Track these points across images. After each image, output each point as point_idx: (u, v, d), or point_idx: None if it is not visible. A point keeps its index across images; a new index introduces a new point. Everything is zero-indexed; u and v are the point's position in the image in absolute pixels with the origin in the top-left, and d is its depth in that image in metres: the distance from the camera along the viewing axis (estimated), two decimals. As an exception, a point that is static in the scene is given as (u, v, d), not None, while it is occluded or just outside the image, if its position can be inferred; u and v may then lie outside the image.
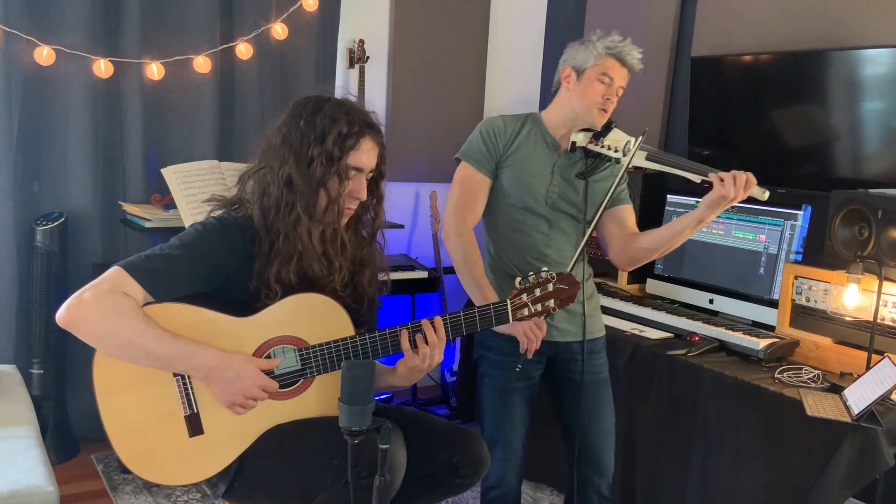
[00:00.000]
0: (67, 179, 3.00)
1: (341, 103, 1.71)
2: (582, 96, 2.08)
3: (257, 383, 1.64)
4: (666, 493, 2.52)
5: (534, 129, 2.16)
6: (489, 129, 2.15)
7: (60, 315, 1.56)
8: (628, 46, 2.07)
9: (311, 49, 3.43)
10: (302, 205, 1.66)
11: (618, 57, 2.06)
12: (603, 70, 2.07)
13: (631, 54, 2.07)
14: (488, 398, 2.19)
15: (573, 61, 2.11)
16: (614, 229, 2.19)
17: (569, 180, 2.13)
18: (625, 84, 2.11)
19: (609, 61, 2.06)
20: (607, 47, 2.06)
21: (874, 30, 2.71)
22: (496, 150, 2.13)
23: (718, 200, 1.89)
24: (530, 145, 2.14)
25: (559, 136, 2.15)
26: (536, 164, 2.13)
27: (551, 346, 2.16)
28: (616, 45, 2.06)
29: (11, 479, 1.79)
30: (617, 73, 2.07)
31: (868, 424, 1.99)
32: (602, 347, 2.22)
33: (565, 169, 2.13)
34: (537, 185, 2.12)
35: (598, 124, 2.09)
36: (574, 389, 2.17)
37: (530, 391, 2.19)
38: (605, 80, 2.07)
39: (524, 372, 2.14)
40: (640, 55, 2.09)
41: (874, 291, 2.24)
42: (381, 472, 1.44)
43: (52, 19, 2.89)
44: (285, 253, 1.67)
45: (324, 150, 1.65)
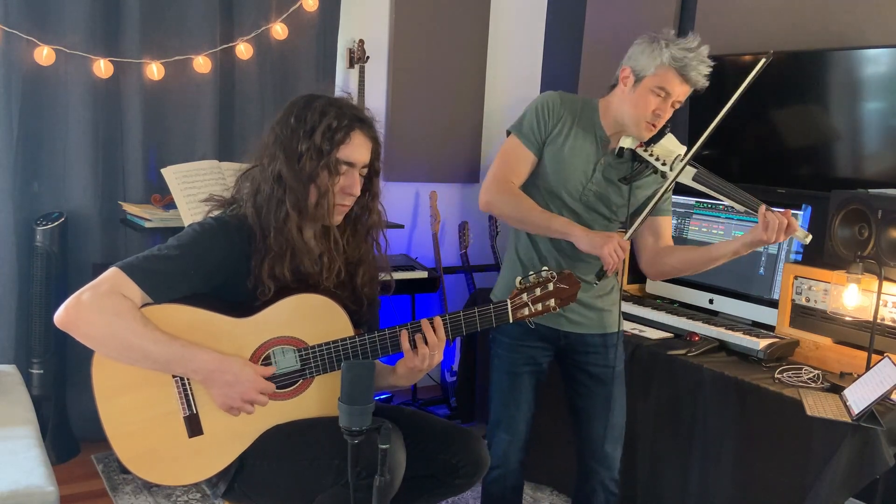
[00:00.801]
0: (67, 179, 3.00)
1: (333, 100, 1.71)
2: (633, 106, 1.98)
3: (255, 387, 1.64)
4: (666, 492, 2.52)
5: (586, 119, 2.07)
6: (545, 104, 2.08)
7: (59, 316, 1.56)
8: (697, 59, 1.91)
9: (311, 49, 3.43)
10: (291, 200, 1.66)
11: (681, 71, 1.91)
12: (661, 83, 1.93)
13: (697, 70, 1.92)
14: (496, 380, 2.21)
15: (635, 63, 1.98)
16: (649, 239, 2.16)
17: (610, 181, 2.07)
18: (682, 98, 1.98)
19: (670, 74, 1.92)
20: (673, 58, 1.91)
21: (874, 30, 2.71)
22: (546, 127, 2.06)
23: (758, 243, 1.90)
24: (579, 134, 2.06)
25: (610, 135, 2.07)
26: (579, 156, 2.06)
27: (560, 336, 2.16)
28: (683, 58, 1.90)
29: (11, 479, 1.79)
30: (677, 89, 1.94)
31: (868, 424, 1.99)
32: (619, 342, 2.19)
33: (608, 169, 2.06)
34: (575, 177, 2.06)
35: (645, 138, 2.00)
36: (587, 380, 2.17)
37: (537, 377, 2.20)
38: (662, 93, 1.94)
39: (530, 357, 2.15)
40: (708, 70, 1.94)
41: (874, 291, 2.24)
42: (381, 472, 1.44)
43: (52, 19, 2.89)
44: (277, 249, 1.67)
45: (312, 143, 1.65)
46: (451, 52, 3.89)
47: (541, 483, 3.01)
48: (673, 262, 2.11)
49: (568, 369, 2.22)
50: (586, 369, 2.17)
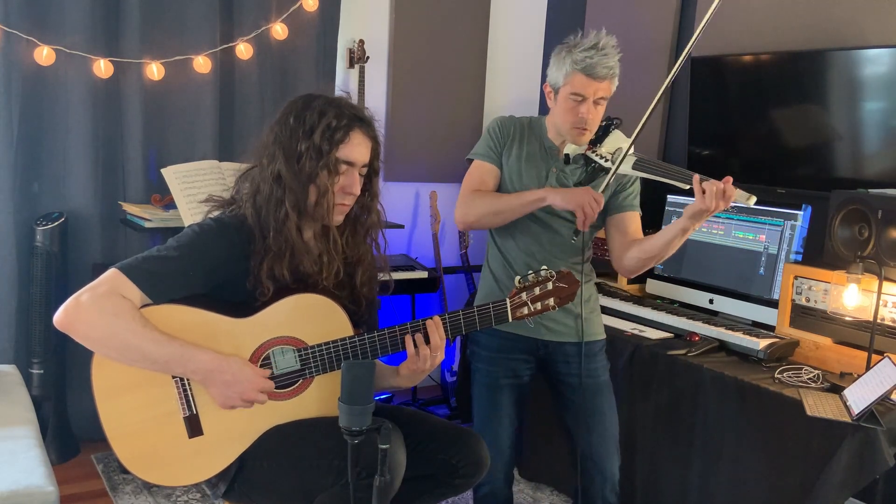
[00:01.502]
0: (67, 179, 3.00)
1: (332, 99, 1.71)
2: (560, 116, 2.06)
3: (255, 386, 1.64)
4: (666, 492, 2.52)
5: (533, 133, 2.16)
6: (493, 126, 2.18)
7: (58, 318, 1.56)
8: (598, 55, 1.95)
9: (311, 49, 3.43)
10: (291, 200, 1.66)
11: (586, 72, 1.96)
12: (573, 89, 1.99)
13: (602, 64, 1.96)
14: (477, 395, 2.21)
15: (550, 78, 2.07)
16: (616, 236, 2.16)
17: (566, 186, 2.10)
18: (606, 94, 2.02)
19: (578, 78, 1.98)
20: (574, 62, 1.97)
21: (874, 30, 2.71)
22: (499, 144, 2.15)
23: (699, 213, 1.86)
24: (527, 147, 2.14)
25: (557, 144, 2.13)
26: (532, 166, 2.12)
27: (541, 346, 2.16)
28: (584, 59, 1.95)
29: (11, 479, 1.79)
30: (589, 89, 1.98)
31: (868, 424, 1.99)
32: (600, 350, 2.20)
33: (563, 175, 2.11)
34: (532, 185, 2.11)
35: (582, 143, 2.05)
36: (570, 392, 2.16)
37: (519, 390, 2.19)
38: (578, 98, 2.00)
39: (509, 369, 2.15)
40: (614, 61, 1.98)
41: (874, 291, 2.23)
42: (381, 472, 1.44)
43: (52, 19, 2.89)
44: (276, 249, 1.67)
45: (312, 143, 1.65)
46: (451, 52, 3.89)
47: (541, 483, 3.01)
48: (636, 253, 2.09)
49: (551, 382, 2.21)
50: (568, 381, 2.16)
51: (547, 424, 2.39)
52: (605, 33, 2.00)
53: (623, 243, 2.14)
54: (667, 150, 3.48)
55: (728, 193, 1.82)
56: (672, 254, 2.05)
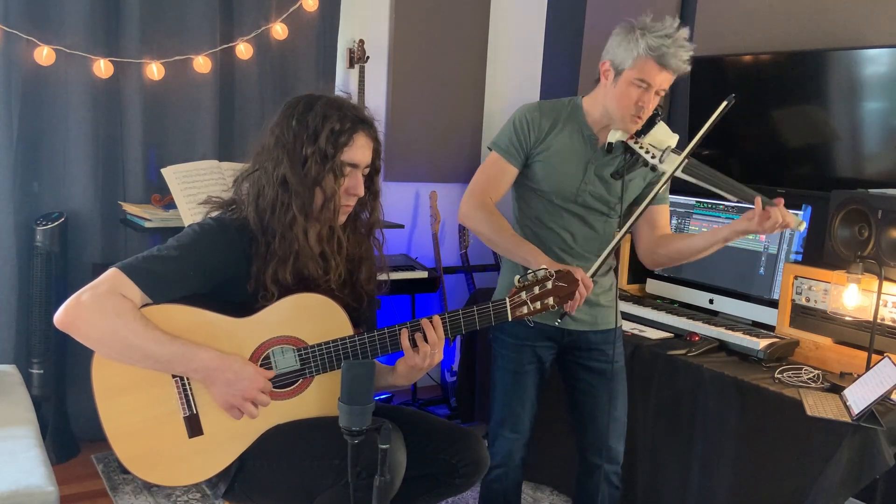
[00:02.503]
0: (67, 179, 3.00)
1: (333, 100, 1.70)
2: (616, 101, 1.96)
3: (256, 385, 1.64)
4: (666, 492, 2.52)
5: (571, 121, 2.07)
6: (523, 119, 2.06)
7: (58, 317, 1.56)
8: (674, 46, 1.87)
9: (311, 49, 3.43)
10: (297, 204, 1.66)
11: (659, 61, 1.88)
12: (640, 75, 1.90)
13: (677, 56, 1.88)
14: (500, 379, 2.20)
15: (613, 56, 1.96)
16: (645, 229, 2.16)
17: (603, 178, 2.06)
18: (667, 86, 1.94)
19: (649, 64, 1.89)
20: (649, 47, 1.87)
21: (874, 30, 2.71)
22: (527, 142, 2.06)
23: (750, 232, 1.90)
24: (565, 139, 2.06)
25: (597, 130, 2.06)
26: (570, 160, 2.05)
27: (565, 334, 2.17)
28: (660, 46, 1.86)
29: (11, 479, 1.79)
30: (657, 78, 1.90)
31: (868, 424, 1.99)
32: (619, 338, 2.20)
33: (600, 166, 2.06)
34: (568, 181, 2.06)
35: (632, 130, 1.98)
36: (588, 376, 2.17)
37: (541, 375, 2.20)
38: (643, 85, 1.91)
39: (534, 355, 2.16)
40: (689, 54, 1.90)
41: (874, 291, 2.23)
42: (381, 472, 1.44)
43: (52, 19, 2.89)
44: (281, 254, 1.67)
45: (317, 148, 1.65)
46: (451, 52, 3.89)
47: (541, 483, 3.01)
48: (668, 251, 2.11)
49: (569, 367, 2.22)
50: (588, 365, 2.18)
51: (547, 425, 2.39)
52: (678, 24, 1.93)
53: (652, 236, 2.15)
54: (667, 150, 3.49)
55: (787, 221, 1.83)
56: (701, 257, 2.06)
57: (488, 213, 2.03)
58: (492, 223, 2.02)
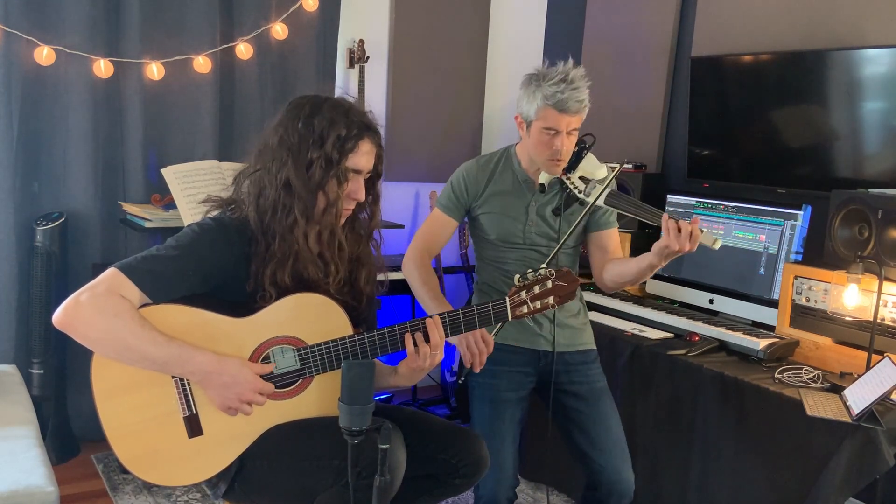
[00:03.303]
0: (67, 179, 3.00)
1: (339, 104, 1.70)
2: (534, 148, 2.08)
3: (253, 387, 1.64)
4: (666, 492, 2.52)
5: (506, 170, 2.20)
6: (460, 178, 2.22)
7: (57, 317, 1.55)
8: (569, 90, 1.97)
9: (311, 49, 3.43)
10: (300, 207, 1.66)
11: (557, 107, 1.98)
12: (545, 123, 2.01)
13: (573, 98, 1.97)
14: (478, 411, 2.17)
15: (521, 110, 2.08)
16: (596, 254, 2.23)
17: (544, 217, 2.16)
18: (577, 125, 2.04)
19: (550, 113, 2.00)
20: (545, 97, 1.98)
21: (874, 30, 2.71)
22: (465, 199, 2.21)
23: (665, 251, 1.90)
24: (505, 187, 2.18)
25: (531, 173, 2.16)
26: (511, 207, 2.16)
27: (541, 356, 2.17)
28: (554, 94, 1.97)
29: (11, 479, 1.79)
30: (561, 123, 2.00)
31: (868, 424, 1.99)
32: (595, 360, 2.23)
33: (541, 206, 2.16)
34: (513, 226, 2.17)
35: (556, 173, 2.07)
36: (573, 401, 2.16)
37: (521, 406, 2.17)
38: (551, 132, 2.02)
39: (512, 381, 2.15)
40: (584, 94, 2.00)
41: (874, 291, 2.23)
42: (381, 472, 1.44)
43: (52, 19, 2.89)
44: (281, 255, 1.66)
45: (323, 153, 1.65)
46: (451, 52, 3.89)
47: (541, 483, 3.01)
48: (611, 275, 2.16)
49: (554, 396, 2.17)
50: (570, 390, 2.16)
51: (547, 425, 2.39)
52: (573, 65, 2.04)
53: (603, 260, 2.20)
54: (667, 150, 3.48)
55: (695, 235, 1.86)
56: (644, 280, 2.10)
57: (421, 269, 2.20)
58: (420, 279, 2.18)
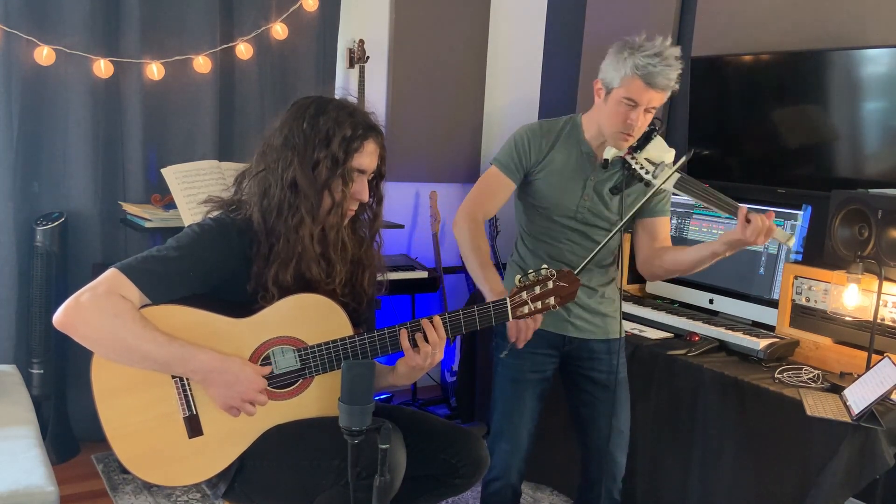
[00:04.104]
0: (67, 179, 3.00)
1: (343, 105, 1.71)
2: (607, 119, 2.00)
3: (255, 386, 1.64)
4: (666, 492, 2.52)
5: (571, 139, 2.11)
6: (524, 138, 2.12)
7: (57, 318, 1.55)
8: (662, 64, 1.89)
9: (311, 49, 3.43)
10: (306, 207, 1.66)
11: (646, 80, 1.90)
12: (627, 94, 1.93)
13: (664, 75, 1.90)
14: (500, 387, 2.19)
15: (604, 75, 1.99)
16: (644, 240, 2.17)
17: (600, 194, 2.10)
18: (658, 104, 1.96)
19: (636, 83, 1.91)
20: (636, 66, 1.89)
21: (874, 30, 2.71)
22: (527, 160, 2.11)
23: (738, 243, 1.89)
24: (564, 157, 2.10)
25: (595, 147, 2.09)
26: (569, 178, 2.09)
27: (566, 342, 2.17)
28: (646, 65, 1.88)
29: (11, 479, 1.79)
30: (644, 97, 1.92)
31: (868, 424, 1.99)
32: (620, 348, 2.21)
33: (599, 182, 2.09)
34: (568, 199, 2.10)
35: (623, 147, 2.00)
36: (592, 387, 2.17)
37: (542, 385, 2.19)
38: (631, 103, 1.94)
39: (536, 363, 2.15)
40: (676, 74, 1.92)
41: (874, 291, 2.23)
42: (381, 472, 1.44)
43: (52, 19, 2.89)
44: (285, 256, 1.67)
45: (329, 152, 1.65)
46: (451, 52, 3.89)
47: (541, 483, 3.01)
48: (663, 263, 2.11)
49: (572, 377, 2.21)
50: (590, 376, 2.17)
51: (548, 425, 2.39)
52: (671, 43, 1.95)
53: (652, 248, 2.15)
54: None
55: (770, 230, 1.83)
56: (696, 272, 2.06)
57: (473, 230, 2.09)
58: (471, 240, 2.08)
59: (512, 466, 2.17)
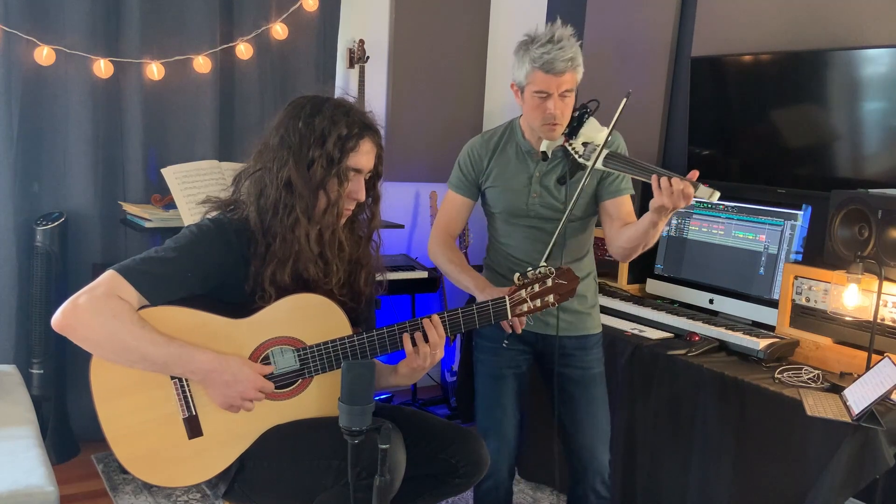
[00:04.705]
0: (67, 179, 3.00)
1: (340, 104, 1.70)
2: (529, 115, 2.04)
3: (255, 385, 1.64)
4: (666, 492, 2.52)
5: (510, 142, 2.16)
6: (465, 155, 2.21)
7: (56, 320, 1.55)
8: (555, 49, 1.90)
9: (311, 49, 3.43)
10: (301, 207, 1.66)
11: (545, 68, 1.92)
12: (536, 87, 1.96)
13: (559, 58, 1.90)
14: (481, 385, 2.23)
15: (514, 77, 2.04)
16: (608, 221, 2.15)
17: (548, 187, 2.12)
18: (570, 86, 1.97)
19: (538, 75, 1.94)
20: (532, 59, 1.93)
21: (874, 30, 2.71)
22: (473, 174, 2.20)
23: (660, 208, 1.82)
24: (506, 160, 2.15)
25: (534, 143, 2.11)
26: (514, 179, 2.14)
27: (538, 339, 2.18)
28: (541, 55, 1.91)
29: (11, 479, 1.79)
30: (551, 84, 1.94)
31: (868, 424, 1.98)
32: (596, 344, 2.22)
33: (545, 175, 2.12)
34: (517, 199, 2.14)
35: (555, 137, 2.02)
36: (566, 384, 2.19)
37: (519, 381, 2.22)
38: (543, 94, 1.96)
39: (511, 360, 2.18)
40: (572, 52, 1.92)
41: (874, 291, 2.23)
42: (381, 472, 1.44)
43: (52, 19, 2.89)
44: (281, 255, 1.67)
45: (324, 152, 1.65)
46: (451, 52, 3.89)
47: (541, 483, 3.01)
48: (621, 241, 2.07)
49: (547, 375, 2.23)
50: (564, 373, 2.18)
51: (547, 425, 2.39)
52: (561, 24, 1.96)
53: (615, 227, 2.11)
54: (666, 150, 3.48)
55: (687, 192, 1.76)
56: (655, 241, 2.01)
57: (446, 251, 2.20)
58: (447, 261, 2.18)
59: (500, 463, 2.18)
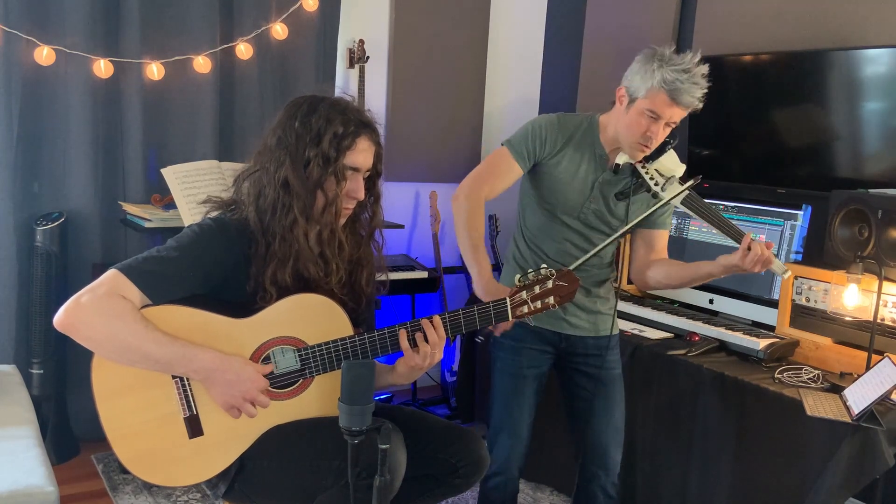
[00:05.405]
0: (67, 179, 3.00)
1: (336, 103, 1.70)
2: (626, 127, 1.98)
3: (257, 385, 1.64)
4: (666, 492, 2.52)
5: (586, 139, 2.09)
6: (541, 128, 2.08)
7: (58, 319, 1.55)
8: (689, 82, 1.87)
9: (311, 49, 3.43)
10: (299, 206, 1.66)
11: (671, 95, 1.88)
12: (651, 106, 1.91)
13: (689, 93, 1.88)
14: (499, 383, 2.20)
15: (630, 83, 1.96)
16: (641, 249, 2.19)
17: (606, 197, 2.09)
18: (678, 119, 1.95)
19: (661, 97, 1.89)
20: (664, 80, 1.87)
21: (874, 30, 2.71)
22: (541, 150, 2.07)
23: (733, 268, 1.92)
24: (578, 155, 2.08)
25: (609, 150, 2.07)
26: (577, 177, 2.08)
27: (562, 339, 2.18)
28: (674, 80, 1.86)
29: (11, 479, 1.79)
30: (667, 111, 1.91)
31: (868, 424, 1.99)
32: (616, 345, 2.23)
33: (606, 186, 2.08)
34: (574, 198, 2.09)
35: (638, 158, 2.00)
36: (586, 382, 2.18)
37: (539, 381, 2.20)
38: (653, 116, 1.91)
39: (533, 359, 2.17)
40: (702, 92, 1.90)
41: (874, 291, 2.23)
42: (381, 472, 1.44)
43: (52, 19, 2.89)
44: (281, 255, 1.67)
45: (320, 151, 1.65)
46: (451, 52, 3.89)
47: (541, 483, 3.01)
48: (657, 276, 2.14)
49: (567, 373, 2.23)
50: (585, 371, 2.18)
51: (548, 425, 2.39)
52: (700, 60, 1.93)
53: (645, 258, 2.17)
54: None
55: (768, 261, 1.88)
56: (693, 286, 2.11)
57: (473, 207, 2.03)
58: (469, 218, 2.02)
59: (512, 460, 2.18)
